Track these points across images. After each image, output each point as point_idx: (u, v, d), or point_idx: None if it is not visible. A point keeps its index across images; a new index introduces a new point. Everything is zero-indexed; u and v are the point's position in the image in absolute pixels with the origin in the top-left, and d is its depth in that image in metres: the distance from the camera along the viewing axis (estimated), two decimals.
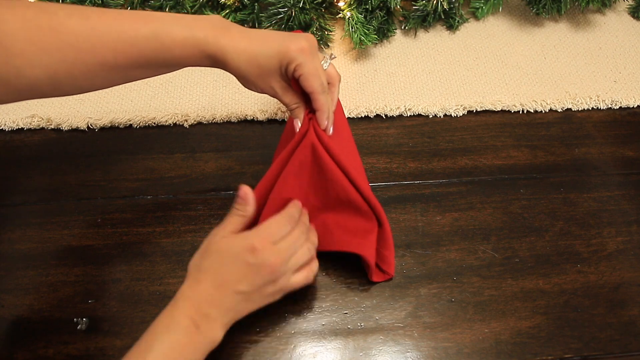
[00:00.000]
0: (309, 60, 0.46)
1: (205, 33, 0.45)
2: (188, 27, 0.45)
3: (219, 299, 0.45)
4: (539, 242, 0.59)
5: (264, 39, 0.47)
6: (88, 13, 0.43)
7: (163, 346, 0.42)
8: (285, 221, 0.48)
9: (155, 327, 0.43)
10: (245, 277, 0.45)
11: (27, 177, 0.62)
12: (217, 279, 0.45)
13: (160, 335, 0.42)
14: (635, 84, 0.73)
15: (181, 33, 0.44)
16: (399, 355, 0.51)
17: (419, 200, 0.62)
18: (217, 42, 0.45)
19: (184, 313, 0.44)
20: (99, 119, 0.66)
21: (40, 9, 0.41)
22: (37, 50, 0.41)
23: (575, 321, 0.54)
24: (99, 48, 0.43)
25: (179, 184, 0.62)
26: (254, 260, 0.45)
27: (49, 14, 0.41)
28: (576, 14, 0.81)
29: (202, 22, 0.46)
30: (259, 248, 0.45)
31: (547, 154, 0.66)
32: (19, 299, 0.54)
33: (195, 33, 0.45)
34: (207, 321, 0.44)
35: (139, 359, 0.41)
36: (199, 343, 0.43)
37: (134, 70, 0.46)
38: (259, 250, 0.45)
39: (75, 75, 0.43)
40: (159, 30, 0.44)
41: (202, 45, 0.45)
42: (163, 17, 0.45)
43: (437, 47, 0.76)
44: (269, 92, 0.50)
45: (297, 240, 0.48)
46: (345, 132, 0.56)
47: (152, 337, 0.42)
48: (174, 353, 0.42)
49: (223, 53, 0.45)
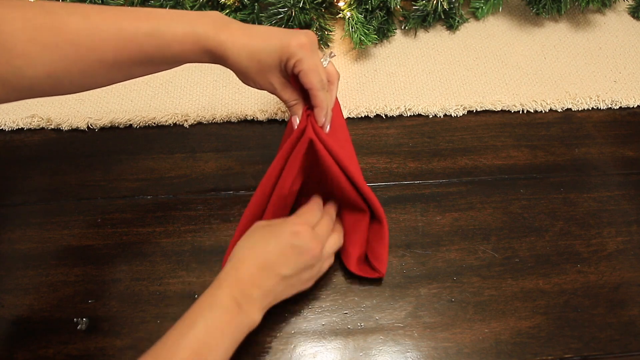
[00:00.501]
0: (309, 57, 0.46)
1: (206, 28, 0.45)
2: (188, 23, 0.45)
3: (261, 279, 0.46)
4: (539, 242, 0.59)
5: (264, 34, 0.47)
6: (88, 11, 0.43)
7: (206, 324, 0.42)
8: (316, 209, 0.51)
9: (199, 305, 0.44)
10: (288, 260, 0.47)
11: (27, 177, 0.62)
12: (260, 260, 0.46)
13: (203, 312, 0.43)
14: (635, 84, 0.73)
15: (181, 29, 0.44)
16: (399, 355, 0.51)
17: (419, 200, 0.62)
18: (217, 37, 0.45)
19: (227, 292, 0.44)
20: (99, 119, 0.66)
21: (41, 8, 0.42)
22: (38, 49, 0.41)
23: (575, 321, 0.54)
24: (99, 45, 0.43)
25: (179, 184, 0.62)
26: (298, 243, 0.47)
27: (49, 13, 0.41)
28: (576, 14, 0.81)
29: (202, 18, 0.46)
30: (302, 232, 0.47)
31: (547, 154, 0.66)
32: (19, 299, 0.54)
33: (196, 29, 0.45)
34: (249, 302, 0.45)
35: (182, 334, 0.42)
36: (240, 323, 0.44)
37: (134, 67, 0.46)
38: (302, 234, 0.47)
39: (75, 73, 0.43)
40: (159, 26, 0.44)
41: (202, 40, 0.45)
42: (163, 13, 0.45)
43: (437, 47, 0.76)
44: (268, 89, 0.50)
45: (328, 227, 0.51)
46: (342, 131, 0.56)
47: (195, 314, 0.43)
48: (216, 331, 0.42)
49: (223, 48, 0.45)
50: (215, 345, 0.42)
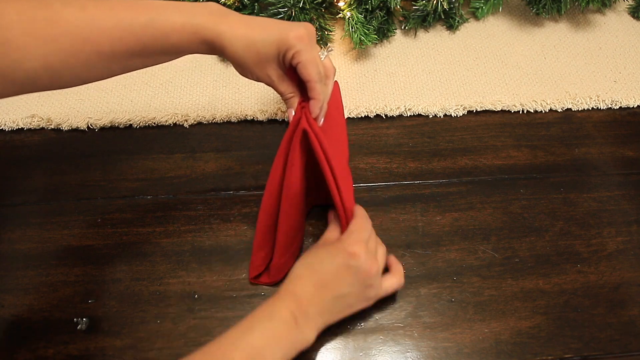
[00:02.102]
0: (308, 49, 0.46)
1: (204, 19, 0.45)
2: (186, 14, 0.45)
3: (318, 298, 0.46)
4: (539, 242, 0.59)
5: (263, 25, 0.46)
6: (84, 3, 0.43)
7: (263, 331, 0.43)
8: (366, 222, 0.51)
9: (258, 313, 0.44)
10: (344, 280, 0.47)
11: (27, 177, 0.62)
12: (318, 279, 0.47)
13: (262, 320, 0.44)
14: (635, 84, 0.73)
15: (179, 19, 0.44)
16: (399, 355, 0.51)
17: (419, 200, 0.62)
18: (215, 27, 0.45)
19: (286, 306, 0.45)
20: (99, 119, 0.66)
21: (37, 1, 0.41)
22: (34, 41, 0.40)
23: (575, 321, 0.54)
24: (96, 37, 0.42)
25: (179, 184, 0.62)
26: (355, 264, 0.47)
27: (45, 5, 0.41)
28: (576, 14, 0.81)
29: (200, 8, 0.45)
30: (358, 253, 0.47)
31: (547, 154, 0.66)
32: (19, 299, 0.54)
33: (193, 19, 0.44)
34: (306, 318, 0.45)
35: (239, 337, 0.42)
36: (295, 338, 0.44)
37: (132, 59, 0.45)
38: (358, 255, 0.47)
39: (72, 65, 0.43)
40: (156, 17, 0.44)
41: (200, 31, 0.45)
42: (160, 4, 0.45)
43: (437, 47, 0.76)
44: (265, 80, 0.49)
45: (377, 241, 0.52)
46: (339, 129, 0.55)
47: (253, 321, 0.44)
48: (272, 341, 0.43)
49: (221, 39, 0.45)
50: (269, 355, 0.42)
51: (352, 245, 0.48)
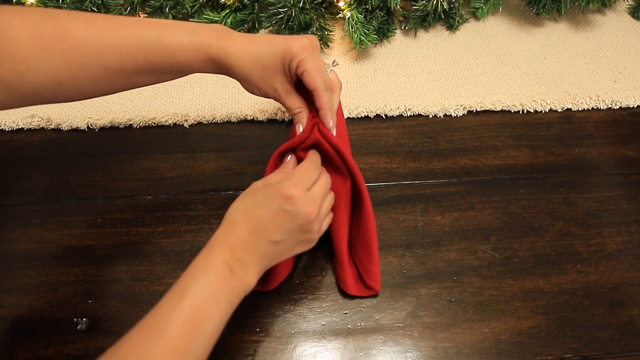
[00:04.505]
0: (312, 57, 0.46)
1: (209, 37, 0.46)
2: (192, 32, 0.45)
3: (253, 244, 0.45)
4: (539, 242, 0.59)
5: (266, 39, 0.47)
6: (93, 18, 0.43)
7: (199, 290, 0.42)
8: (313, 168, 0.48)
9: (191, 271, 0.43)
10: (280, 226, 0.45)
11: (27, 177, 0.62)
12: (252, 224, 0.45)
13: (196, 279, 0.42)
14: (635, 84, 0.73)
15: (185, 37, 0.45)
16: (399, 355, 0.51)
17: (419, 200, 0.62)
18: (220, 44, 0.46)
19: (219, 257, 0.43)
20: (99, 119, 0.67)
21: (45, 15, 0.42)
22: (42, 55, 0.41)
23: (575, 321, 0.54)
24: (103, 52, 0.43)
25: (179, 184, 0.62)
26: (290, 208, 0.44)
27: (54, 20, 0.42)
28: (576, 14, 0.81)
29: (205, 27, 0.46)
30: (296, 196, 0.44)
31: (547, 154, 0.66)
32: (19, 299, 0.54)
33: (199, 37, 0.45)
34: (242, 265, 0.44)
35: (175, 302, 0.41)
36: (234, 287, 0.43)
37: (137, 76, 0.46)
38: (295, 199, 0.44)
39: (79, 80, 0.43)
40: (163, 34, 0.44)
41: (205, 48, 0.45)
42: (167, 22, 0.46)
43: (437, 47, 0.76)
44: (272, 95, 0.49)
45: (326, 186, 0.48)
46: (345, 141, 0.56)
47: (187, 281, 0.42)
48: (210, 297, 0.42)
49: (226, 55, 0.46)
50: (209, 312, 0.41)
51: (290, 188, 0.45)
